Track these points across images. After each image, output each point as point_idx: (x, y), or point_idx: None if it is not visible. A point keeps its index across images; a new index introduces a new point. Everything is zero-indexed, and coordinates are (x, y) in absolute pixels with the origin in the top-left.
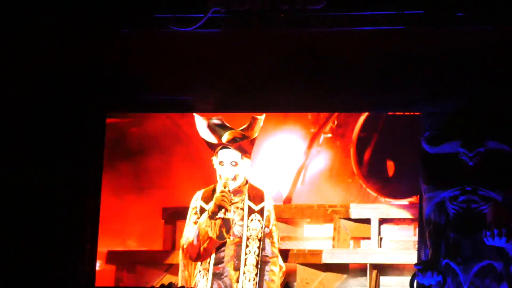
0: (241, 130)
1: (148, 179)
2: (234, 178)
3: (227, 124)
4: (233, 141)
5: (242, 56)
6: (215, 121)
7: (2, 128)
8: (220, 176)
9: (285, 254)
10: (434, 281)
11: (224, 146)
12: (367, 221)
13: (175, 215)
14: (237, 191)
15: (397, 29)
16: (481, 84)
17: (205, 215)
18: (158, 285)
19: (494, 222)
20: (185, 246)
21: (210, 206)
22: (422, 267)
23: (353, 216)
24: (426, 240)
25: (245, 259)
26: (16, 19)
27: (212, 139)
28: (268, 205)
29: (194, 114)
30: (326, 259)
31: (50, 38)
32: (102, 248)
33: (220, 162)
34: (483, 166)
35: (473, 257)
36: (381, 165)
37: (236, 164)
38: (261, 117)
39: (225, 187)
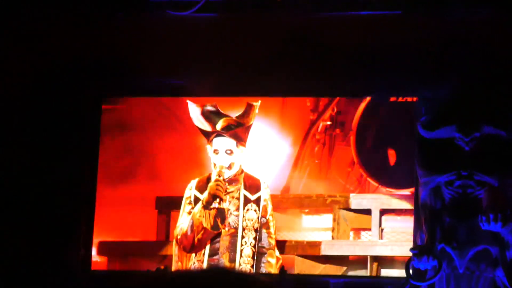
0: (237, 117)
1: (140, 167)
2: (229, 167)
3: (222, 111)
4: (227, 129)
5: (238, 40)
6: (209, 108)
7: None
8: (215, 164)
9: (282, 245)
10: (430, 266)
11: (219, 134)
12: (367, 211)
13: (169, 205)
14: (232, 180)
15: (393, 14)
16: (477, 68)
17: (199, 205)
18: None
19: (490, 207)
20: (178, 237)
21: (204, 196)
22: (418, 252)
23: (353, 207)
24: (422, 225)
25: (241, 251)
26: (7, 5)
27: (206, 126)
28: (265, 194)
29: (187, 101)
30: (325, 250)
31: (43, 23)
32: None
33: (215, 151)
34: (479, 151)
35: (468, 242)
36: (383, 153)
37: (231, 152)
38: (257, 104)
39: (219, 176)
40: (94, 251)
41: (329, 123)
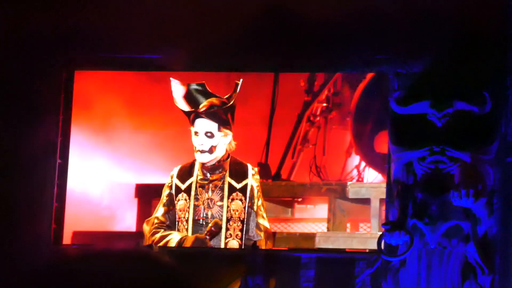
0: (227, 98)
1: (120, 151)
2: (210, 151)
3: (209, 90)
4: (208, 109)
5: (213, 14)
6: (195, 86)
7: None
8: (195, 147)
9: (273, 237)
10: (402, 241)
11: (198, 115)
12: (366, 201)
13: (151, 193)
14: (216, 167)
15: None
16: (450, 44)
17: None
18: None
19: (462, 183)
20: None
21: (179, 238)
22: (390, 227)
23: (350, 196)
24: (394, 200)
25: (226, 243)
26: None
27: (185, 106)
28: (253, 182)
29: (171, 78)
30: (319, 243)
31: None
32: (67, 228)
33: (195, 132)
34: (451, 127)
35: (440, 218)
36: (383, 138)
37: (212, 135)
38: (239, 82)
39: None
40: (69, 243)
41: (325, 104)
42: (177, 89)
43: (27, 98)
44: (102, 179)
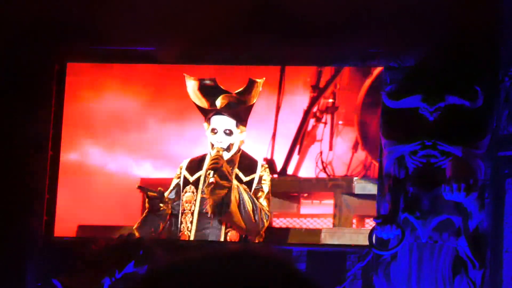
0: (237, 93)
1: (125, 144)
2: (228, 149)
3: (221, 86)
4: (227, 107)
5: (206, 6)
6: (207, 82)
7: None
8: (213, 145)
9: (278, 232)
10: (393, 235)
11: (218, 112)
12: (372, 197)
13: (156, 187)
14: (228, 162)
15: None
16: (442, 38)
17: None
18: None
19: (454, 177)
20: None
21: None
22: (381, 221)
23: (356, 191)
24: (385, 194)
25: (226, 234)
26: None
27: (203, 103)
28: (260, 176)
29: (184, 74)
30: (325, 239)
31: None
32: (72, 223)
33: (213, 130)
34: (443, 121)
35: (431, 212)
36: None
37: (231, 132)
38: (261, 81)
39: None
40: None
41: (331, 100)
42: (191, 84)
43: (19, 90)
44: (106, 173)
